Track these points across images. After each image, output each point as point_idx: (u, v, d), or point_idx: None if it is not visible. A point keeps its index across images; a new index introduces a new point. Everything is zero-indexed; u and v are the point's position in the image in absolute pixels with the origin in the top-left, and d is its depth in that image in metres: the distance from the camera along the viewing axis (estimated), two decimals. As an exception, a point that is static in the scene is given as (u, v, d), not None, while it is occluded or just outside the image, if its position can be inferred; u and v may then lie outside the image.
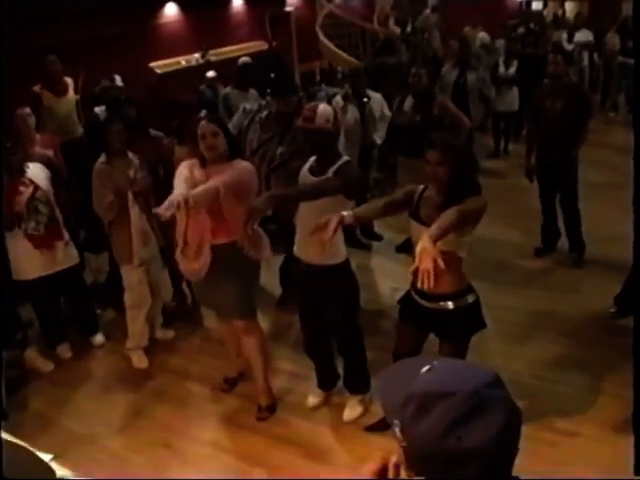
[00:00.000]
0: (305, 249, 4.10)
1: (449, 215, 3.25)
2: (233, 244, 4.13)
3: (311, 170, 4.03)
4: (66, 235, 5.23)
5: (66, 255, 5.22)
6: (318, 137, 3.90)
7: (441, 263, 2.89)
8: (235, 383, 5.01)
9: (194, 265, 4.23)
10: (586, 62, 12.43)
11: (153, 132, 5.87)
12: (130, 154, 5.13)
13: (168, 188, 4.24)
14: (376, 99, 7.08)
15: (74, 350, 5.58)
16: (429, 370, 1.34)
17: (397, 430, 1.30)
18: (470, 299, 3.63)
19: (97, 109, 6.98)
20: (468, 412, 1.22)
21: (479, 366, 1.36)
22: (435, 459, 1.23)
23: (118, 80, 7.66)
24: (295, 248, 4.18)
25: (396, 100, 6.72)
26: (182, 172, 4.21)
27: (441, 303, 3.61)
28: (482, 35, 11.26)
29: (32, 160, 5.20)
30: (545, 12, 16.48)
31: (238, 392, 4.96)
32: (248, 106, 6.30)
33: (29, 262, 5.04)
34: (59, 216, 5.17)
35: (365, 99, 6.93)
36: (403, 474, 1.42)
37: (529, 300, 5.83)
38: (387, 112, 7.06)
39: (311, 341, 4.55)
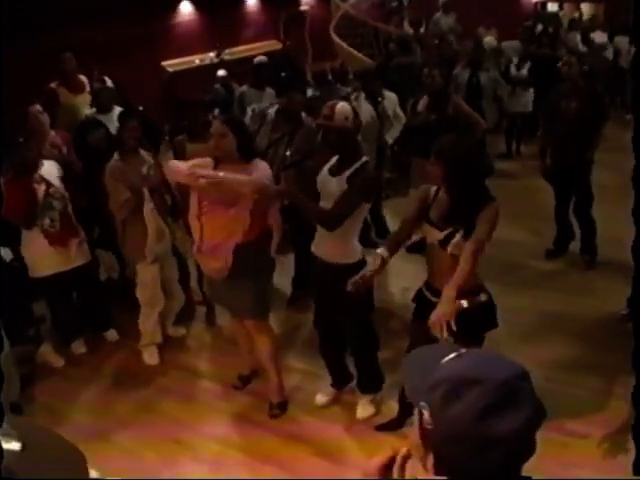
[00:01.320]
0: (322, 247, 4.12)
1: (463, 266, 3.46)
2: (248, 244, 4.16)
3: (331, 171, 4.03)
4: (81, 232, 5.27)
5: (80, 252, 5.25)
6: (337, 135, 3.90)
7: (453, 326, 3.36)
8: (248, 381, 5.03)
9: (214, 264, 4.26)
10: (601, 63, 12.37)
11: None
12: (142, 151, 5.15)
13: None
14: (390, 99, 7.08)
15: (87, 346, 5.62)
16: (458, 356, 1.37)
17: (425, 412, 1.32)
18: (483, 298, 3.66)
19: (88, 112, 6.99)
20: (500, 400, 1.26)
21: (506, 358, 1.39)
22: (463, 442, 1.26)
23: (109, 82, 7.69)
24: (313, 245, 4.19)
25: (410, 101, 6.72)
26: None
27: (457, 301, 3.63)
28: (489, 39, 11.22)
29: (45, 157, 5.23)
30: (561, 13, 16.40)
31: (250, 389, 4.98)
32: (257, 107, 6.30)
33: (44, 259, 5.06)
34: (72, 213, 5.20)
35: (379, 98, 6.93)
36: (410, 465, 1.44)
37: (540, 301, 5.82)
38: (400, 112, 7.06)
39: (325, 339, 4.56)
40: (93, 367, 5.41)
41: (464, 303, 3.61)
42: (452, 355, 1.38)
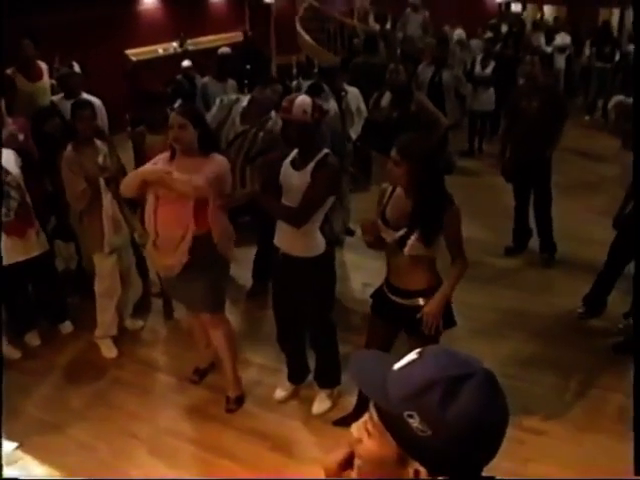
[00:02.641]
0: (285, 240, 4.09)
1: (455, 274, 3.63)
2: (202, 237, 4.11)
3: (293, 163, 4.00)
4: (36, 223, 5.16)
5: (37, 242, 5.14)
6: (295, 128, 3.87)
7: (441, 327, 3.59)
8: (204, 374, 4.99)
9: (168, 261, 4.20)
10: (562, 65, 12.52)
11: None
12: (97, 141, 5.07)
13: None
14: (353, 94, 7.05)
15: (42, 338, 5.53)
16: (423, 357, 1.33)
17: (414, 421, 1.25)
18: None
19: (55, 97, 6.87)
20: (491, 388, 1.27)
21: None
22: (469, 438, 1.24)
23: (77, 67, 7.56)
24: (275, 237, 4.16)
25: (374, 96, 6.71)
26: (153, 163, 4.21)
27: (412, 299, 3.62)
28: (459, 31, 11.32)
29: (3, 145, 5.12)
30: (524, 14, 16.56)
31: (207, 383, 4.94)
32: (225, 98, 6.24)
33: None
34: (30, 202, 5.09)
35: (343, 93, 6.90)
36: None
37: (499, 299, 5.88)
38: (363, 107, 7.04)
39: (284, 332, 4.53)
40: (47, 359, 5.31)
41: (420, 301, 3.62)
42: (410, 357, 1.34)
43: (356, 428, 1.39)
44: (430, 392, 1.24)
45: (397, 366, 1.34)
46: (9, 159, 5.00)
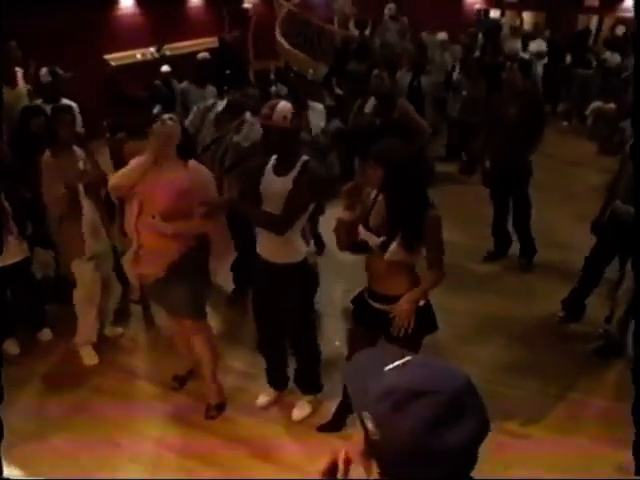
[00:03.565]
0: (266, 247, 4.09)
1: (429, 280, 3.63)
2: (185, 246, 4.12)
3: (275, 171, 4.00)
4: (15, 229, 5.12)
5: (15, 249, 5.09)
6: (275, 134, 3.86)
7: (411, 325, 3.55)
8: (185, 381, 4.97)
9: (147, 270, 4.20)
10: (539, 71, 12.59)
11: None
12: (75, 147, 5.04)
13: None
14: (316, 110, 6.91)
15: (20, 346, 5.46)
16: (403, 365, 1.33)
17: (369, 423, 1.28)
18: (421, 302, 3.64)
19: (38, 102, 6.83)
20: (450, 412, 1.24)
21: (453, 367, 1.36)
22: (411, 454, 1.24)
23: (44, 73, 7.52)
24: (257, 245, 4.15)
25: (357, 102, 6.69)
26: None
27: (391, 305, 3.62)
28: (442, 34, 11.40)
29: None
30: (502, 20, 16.63)
31: (188, 390, 4.92)
32: (202, 105, 6.22)
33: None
34: (9, 209, 5.05)
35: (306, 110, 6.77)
36: (356, 470, 1.42)
37: (479, 304, 5.90)
38: (323, 125, 6.89)
39: (265, 338, 4.53)
40: (27, 367, 5.25)
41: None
42: (396, 363, 1.35)
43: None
44: (385, 400, 1.26)
45: (387, 368, 1.35)
46: None
